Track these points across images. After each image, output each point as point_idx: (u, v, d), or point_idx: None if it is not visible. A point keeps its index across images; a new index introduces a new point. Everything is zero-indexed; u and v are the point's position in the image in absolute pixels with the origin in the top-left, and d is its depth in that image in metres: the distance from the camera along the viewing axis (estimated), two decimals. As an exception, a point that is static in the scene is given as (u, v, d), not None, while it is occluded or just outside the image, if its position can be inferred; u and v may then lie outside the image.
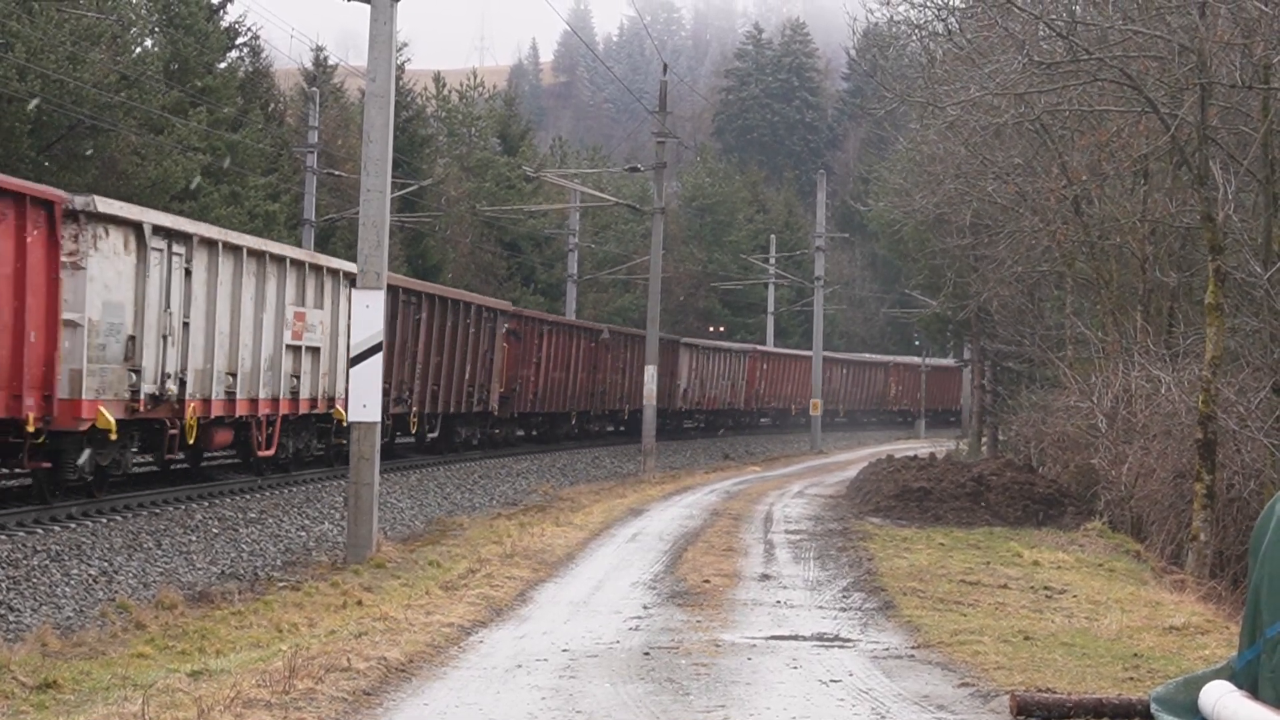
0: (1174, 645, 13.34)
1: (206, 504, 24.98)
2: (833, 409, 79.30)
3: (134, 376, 22.30)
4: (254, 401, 26.62)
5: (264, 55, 56.61)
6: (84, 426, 21.02)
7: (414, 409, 35.88)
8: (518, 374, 44.72)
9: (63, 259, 20.57)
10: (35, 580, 17.97)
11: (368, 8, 21.71)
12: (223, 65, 50.12)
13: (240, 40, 53.70)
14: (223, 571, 21.01)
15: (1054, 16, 24.29)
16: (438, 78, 76.47)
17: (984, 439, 52.85)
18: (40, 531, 20.21)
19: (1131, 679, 11.42)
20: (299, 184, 49.62)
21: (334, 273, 30.22)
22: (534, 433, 50.17)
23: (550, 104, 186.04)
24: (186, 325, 23.81)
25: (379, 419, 21.63)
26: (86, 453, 21.62)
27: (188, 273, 23.83)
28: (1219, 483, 22.73)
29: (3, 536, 19.22)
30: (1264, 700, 9.17)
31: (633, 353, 55.34)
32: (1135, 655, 12.59)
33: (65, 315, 20.61)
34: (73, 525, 21.04)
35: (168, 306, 23.15)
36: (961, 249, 41.23)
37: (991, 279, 38.76)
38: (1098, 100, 26.86)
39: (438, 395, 37.51)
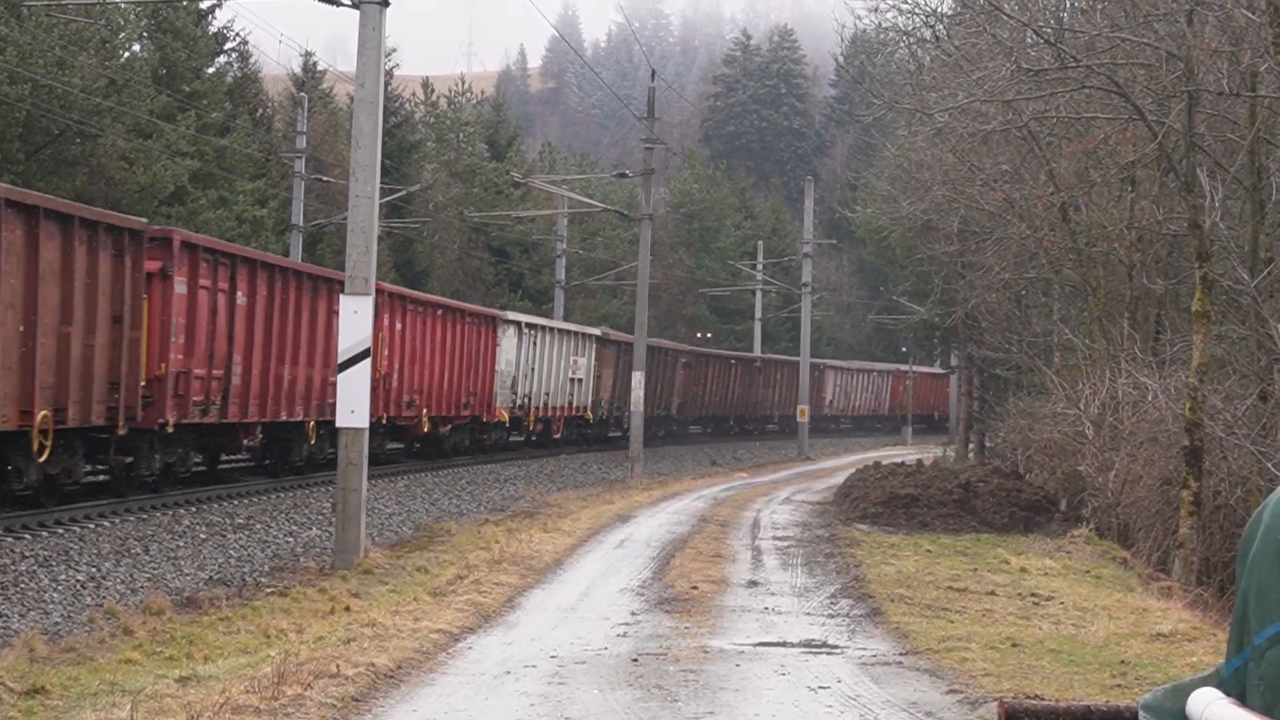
0: (1161, 652, 13.36)
1: (194, 509, 25.00)
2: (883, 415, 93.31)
3: (514, 396, 45.11)
4: (554, 408, 49.55)
5: (252, 60, 56.55)
6: (495, 420, 43.91)
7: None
8: (690, 390, 64.66)
9: (496, 341, 43.23)
10: (23, 586, 17.94)
11: (357, 13, 21.70)
12: (211, 70, 50.04)
13: (229, 45, 53.63)
14: (210, 577, 20.96)
15: (1042, 24, 24.34)
16: (426, 83, 76.48)
17: (971, 445, 52.92)
18: (29, 537, 20.23)
19: (1119, 686, 11.45)
20: (287, 189, 49.52)
21: (589, 336, 53.46)
22: (709, 429, 70.89)
23: (538, 110, 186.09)
24: (533, 369, 46.65)
25: (366, 425, 21.58)
26: (492, 434, 44.96)
27: (534, 343, 46.75)
28: (1206, 490, 22.77)
29: (-10, 542, 19.23)
30: (1252, 708, 9.21)
31: (781, 374, 75.32)
32: (1122, 662, 12.61)
33: (495, 367, 43.16)
34: (60, 531, 21.08)
35: (527, 361, 45.96)
36: (949, 255, 41.26)
37: (979, 285, 38.76)
38: (1085, 107, 26.92)
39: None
